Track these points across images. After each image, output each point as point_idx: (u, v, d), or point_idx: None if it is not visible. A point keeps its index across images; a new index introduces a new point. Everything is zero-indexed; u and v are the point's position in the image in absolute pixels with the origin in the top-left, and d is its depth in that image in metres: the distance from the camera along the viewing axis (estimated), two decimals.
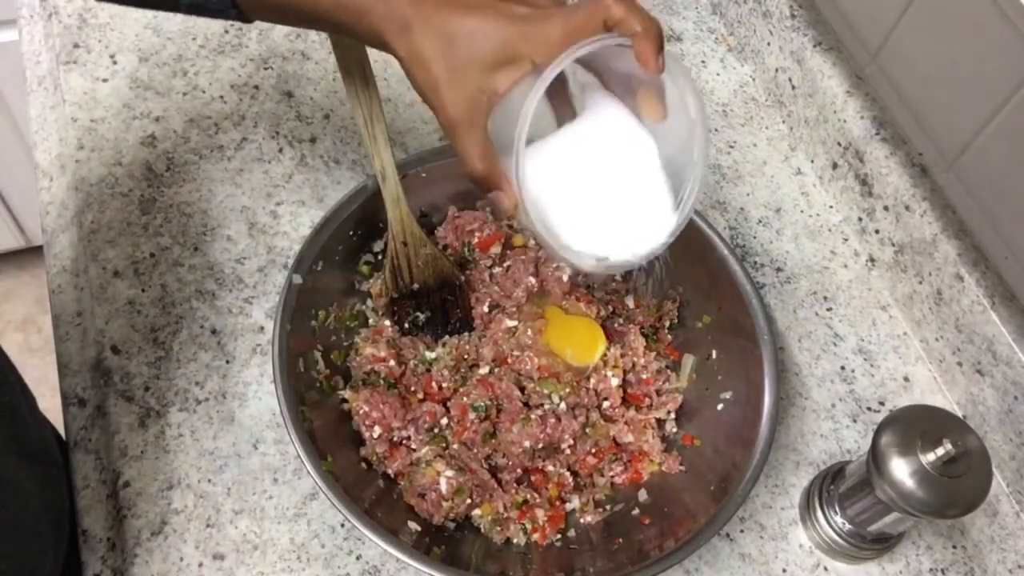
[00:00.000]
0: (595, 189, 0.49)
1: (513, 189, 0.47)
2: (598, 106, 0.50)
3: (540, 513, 0.60)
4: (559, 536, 0.60)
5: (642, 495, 0.62)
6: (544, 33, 0.46)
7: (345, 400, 0.62)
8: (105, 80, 0.80)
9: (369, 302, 0.67)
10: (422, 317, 0.67)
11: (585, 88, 0.50)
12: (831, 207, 0.82)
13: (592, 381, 0.66)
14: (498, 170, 0.48)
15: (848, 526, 0.61)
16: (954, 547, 0.65)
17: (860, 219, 0.79)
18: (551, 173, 0.49)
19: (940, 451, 0.51)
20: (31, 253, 1.70)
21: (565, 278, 0.68)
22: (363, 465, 0.61)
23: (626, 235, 0.50)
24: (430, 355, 0.65)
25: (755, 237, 0.79)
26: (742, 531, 0.63)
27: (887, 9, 0.75)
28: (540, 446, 0.62)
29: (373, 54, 0.59)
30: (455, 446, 0.61)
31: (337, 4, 0.48)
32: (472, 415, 0.62)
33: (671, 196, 0.50)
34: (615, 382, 0.65)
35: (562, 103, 0.51)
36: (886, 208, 0.75)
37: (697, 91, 0.48)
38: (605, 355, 0.67)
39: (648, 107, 0.49)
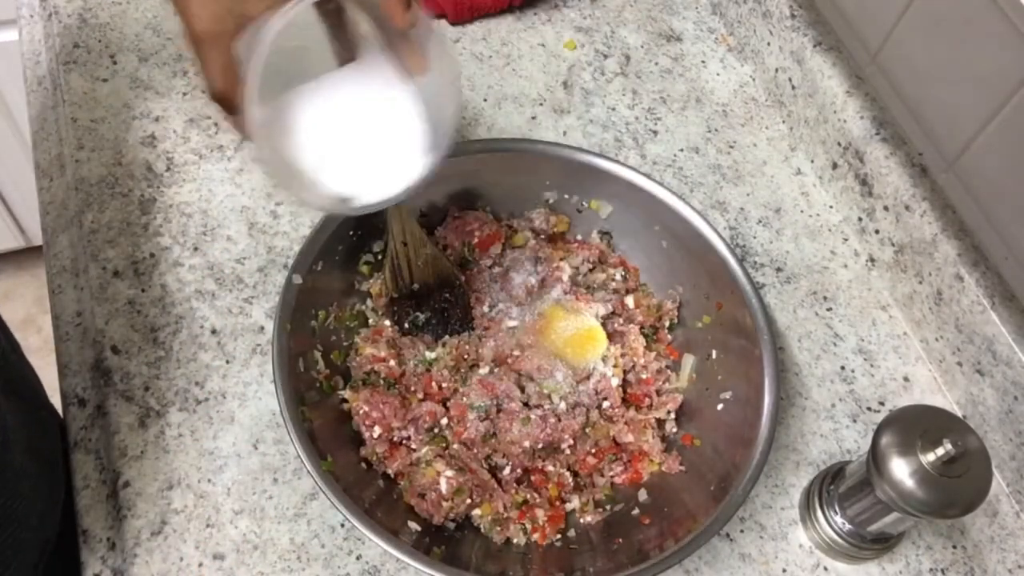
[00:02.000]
0: (346, 133, 0.51)
1: (251, 116, 0.48)
2: (365, 55, 0.51)
3: (540, 513, 0.60)
4: (559, 536, 0.60)
5: (642, 495, 0.62)
6: None
7: (345, 400, 0.62)
8: (105, 80, 0.80)
9: (369, 302, 0.68)
10: (422, 317, 0.67)
11: (364, 34, 0.52)
12: (831, 207, 0.82)
13: (592, 381, 0.66)
14: (239, 92, 0.48)
15: (848, 526, 0.61)
16: (954, 547, 0.65)
17: (860, 219, 0.79)
18: (308, 112, 0.50)
19: (940, 451, 0.51)
20: (31, 253, 1.70)
21: (565, 278, 0.69)
22: (363, 465, 0.61)
23: (372, 180, 0.52)
24: (430, 355, 0.65)
25: (755, 237, 0.79)
26: (742, 531, 0.63)
27: (887, 9, 0.75)
28: (540, 446, 0.62)
29: None
30: (455, 446, 0.61)
31: None
32: (472, 415, 0.62)
33: (424, 147, 0.52)
34: (615, 382, 0.65)
35: (344, 44, 0.52)
36: (886, 208, 0.75)
37: (449, 48, 0.50)
38: (605, 355, 0.67)
39: (411, 60, 0.50)
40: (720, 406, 0.64)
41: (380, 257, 0.68)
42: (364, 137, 0.52)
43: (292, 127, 0.50)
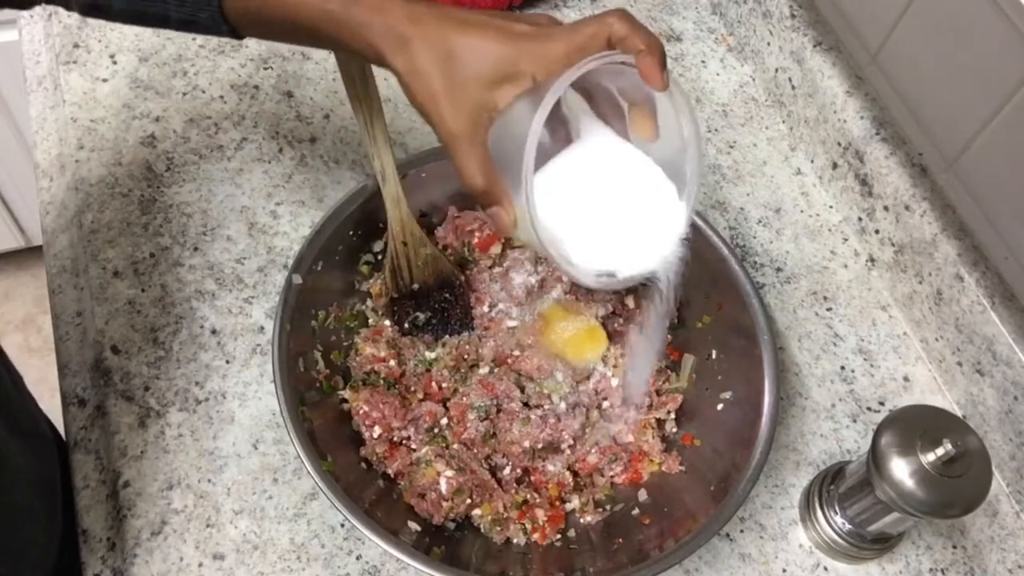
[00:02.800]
0: (595, 209, 0.50)
1: (515, 205, 0.47)
2: (592, 130, 0.50)
3: (540, 513, 0.60)
4: (559, 536, 0.60)
5: (642, 495, 0.62)
6: (546, 50, 0.46)
7: (345, 400, 0.62)
8: (105, 80, 0.80)
9: (369, 302, 0.67)
10: (422, 317, 0.67)
11: (576, 111, 0.51)
12: (831, 207, 0.82)
13: (592, 381, 0.66)
14: (499, 186, 0.47)
15: (848, 526, 0.61)
16: (954, 547, 0.65)
17: (860, 219, 0.79)
18: (551, 194, 0.48)
19: (940, 451, 0.51)
20: (31, 253, 1.70)
21: (565, 278, 0.68)
22: (363, 465, 0.61)
23: (627, 253, 0.50)
24: (430, 355, 0.65)
25: (755, 237, 0.79)
26: (742, 531, 0.63)
27: (887, 9, 0.75)
28: (540, 446, 0.62)
29: None
30: (455, 446, 0.61)
31: (332, 19, 0.48)
32: (472, 415, 0.62)
33: (672, 215, 0.50)
34: (615, 382, 0.65)
35: (554, 122, 0.51)
36: (886, 208, 0.75)
37: (693, 110, 0.48)
38: (605, 355, 0.67)
39: (641, 126, 0.49)
40: (720, 406, 0.64)
41: (380, 257, 0.68)
42: (611, 213, 0.50)
43: (543, 213, 0.48)
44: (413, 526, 0.57)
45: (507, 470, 0.62)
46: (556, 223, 0.49)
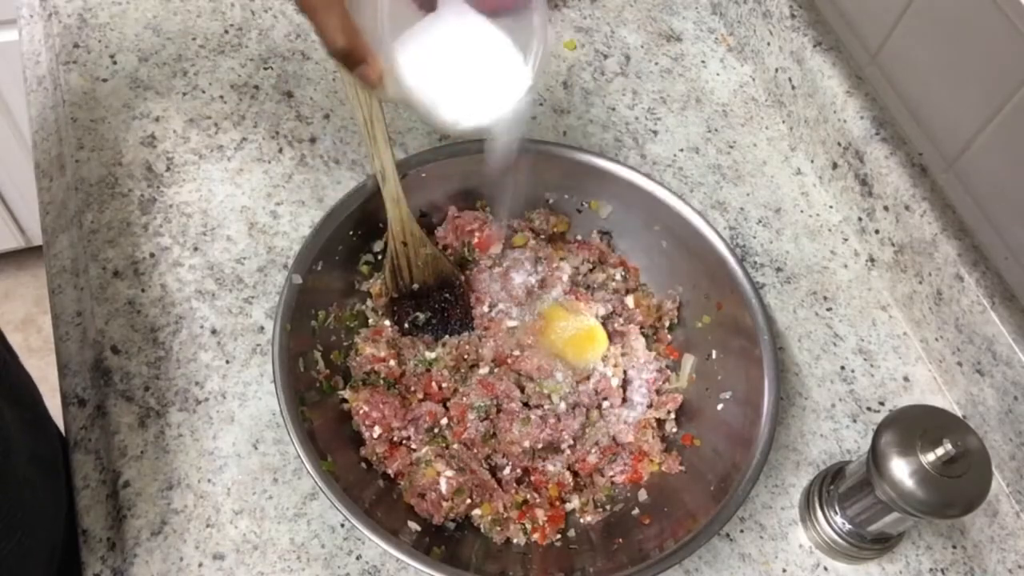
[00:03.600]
0: (453, 69, 0.55)
1: (380, 59, 0.51)
2: (450, 3, 0.55)
3: (540, 513, 0.60)
4: (559, 536, 0.60)
5: (642, 495, 0.62)
6: None
7: (345, 400, 0.62)
8: (105, 80, 0.80)
9: (369, 302, 0.68)
10: (422, 317, 0.67)
11: None
12: (831, 207, 0.82)
13: (592, 381, 0.66)
14: (362, 43, 0.50)
15: (848, 526, 0.61)
16: (954, 547, 0.65)
17: (860, 219, 0.79)
18: (415, 54, 0.54)
19: (940, 451, 0.51)
20: (31, 253, 1.70)
21: (565, 278, 0.69)
22: (363, 465, 0.61)
23: (481, 108, 0.56)
24: (430, 355, 0.65)
25: (755, 237, 0.79)
26: (742, 531, 0.63)
27: (887, 9, 0.75)
28: (540, 446, 0.62)
29: None
30: (455, 446, 0.61)
31: None
32: (472, 415, 0.62)
33: (519, 78, 0.56)
34: (615, 382, 0.65)
35: None
36: (886, 208, 0.75)
37: None
38: (605, 355, 0.67)
39: None
40: (720, 406, 0.64)
41: (380, 257, 0.68)
42: (468, 71, 0.56)
43: (404, 72, 0.54)
44: (413, 526, 0.58)
45: (507, 470, 0.62)
46: (420, 79, 0.54)
